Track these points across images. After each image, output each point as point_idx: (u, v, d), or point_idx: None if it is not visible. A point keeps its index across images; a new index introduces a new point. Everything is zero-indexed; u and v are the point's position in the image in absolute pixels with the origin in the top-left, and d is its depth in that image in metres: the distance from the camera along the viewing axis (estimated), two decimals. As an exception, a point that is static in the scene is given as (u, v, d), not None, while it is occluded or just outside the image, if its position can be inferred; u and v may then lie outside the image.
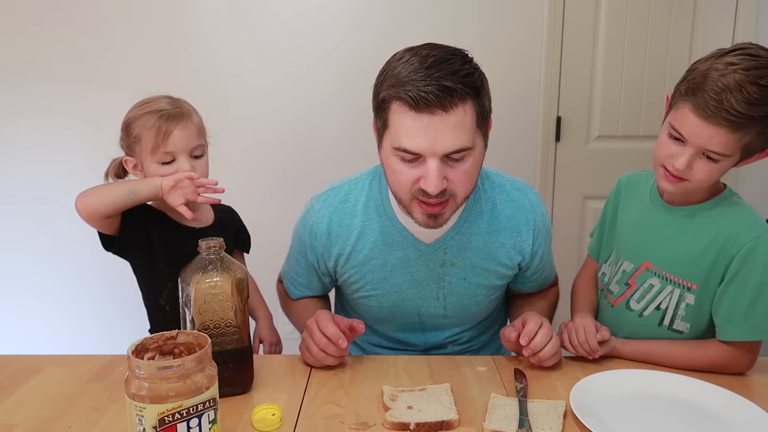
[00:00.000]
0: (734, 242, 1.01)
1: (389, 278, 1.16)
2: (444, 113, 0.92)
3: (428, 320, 1.22)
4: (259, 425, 0.87)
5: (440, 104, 0.91)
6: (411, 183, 0.98)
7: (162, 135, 1.09)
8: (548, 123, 2.27)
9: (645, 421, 0.90)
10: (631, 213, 1.18)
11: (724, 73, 0.92)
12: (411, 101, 0.91)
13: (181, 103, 1.17)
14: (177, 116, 1.11)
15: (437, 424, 0.86)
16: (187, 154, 1.13)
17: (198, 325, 0.91)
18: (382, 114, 0.98)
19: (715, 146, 0.95)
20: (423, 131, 0.92)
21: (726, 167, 0.99)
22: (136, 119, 1.12)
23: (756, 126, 0.94)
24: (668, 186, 1.03)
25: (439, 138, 0.92)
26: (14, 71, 2.20)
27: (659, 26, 2.20)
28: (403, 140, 0.94)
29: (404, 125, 0.94)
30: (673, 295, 1.08)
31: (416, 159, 0.95)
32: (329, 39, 2.19)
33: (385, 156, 1.01)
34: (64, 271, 2.33)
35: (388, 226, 1.13)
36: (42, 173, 2.27)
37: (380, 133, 1.02)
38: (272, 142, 2.27)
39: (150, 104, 1.13)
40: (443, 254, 1.13)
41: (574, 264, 2.40)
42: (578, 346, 1.08)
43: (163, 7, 2.16)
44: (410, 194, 0.99)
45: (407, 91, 0.91)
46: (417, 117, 0.92)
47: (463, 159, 0.97)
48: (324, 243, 1.18)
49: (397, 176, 0.99)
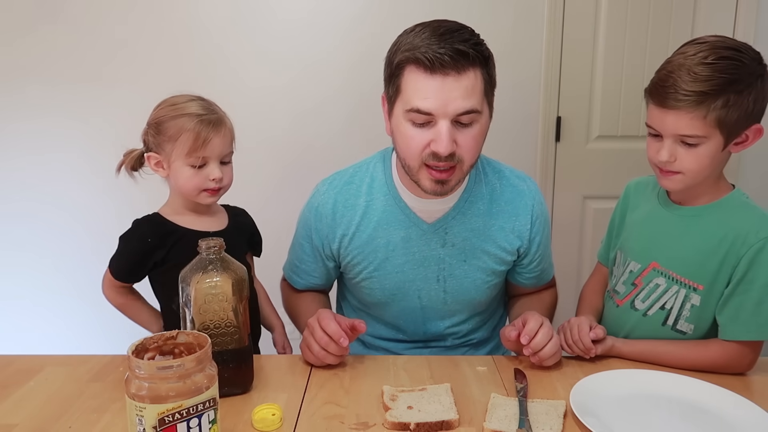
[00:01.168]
0: (742, 242, 1.01)
1: (391, 258, 1.18)
2: (457, 75, 0.96)
3: (429, 304, 1.22)
4: (259, 425, 0.87)
5: (454, 66, 0.95)
6: (422, 147, 1.01)
7: (201, 140, 1.10)
8: (548, 123, 2.27)
9: (645, 421, 0.90)
10: (639, 214, 1.18)
11: (671, 60, 1.00)
12: (427, 62, 0.95)
13: (215, 107, 1.17)
14: (217, 123, 1.12)
15: (437, 424, 0.86)
16: (218, 160, 1.13)
17: (198, 325, 0.91)
18: (395, 80, 1.02)
19: (684, 129, 0.98)
20: (436, 92, 0.96)
21: (713, 151, 0.99)
22: (172, 119, 1.11)
23: (715, 100, 0.95)
24: (667, 183, 1.05)
25: (452, 99, 0.96)
26: (14, 72, 2.20)
27: (659, 26, 2.21)
28: (416, 101, 0.98)
29: (417, 87, 0.98)
30: (679, 295, 1.08)
31: (427, 123, 0.99)
32: (329, 40, 2.19)
33: (396, 123, 1.04)
34: (65, 271, 2.33)
35: (391, 205, 1.15)
36: (41, 174, 2.27)
37: (392, 101, 1.05)
38: (272, 142, 2.27)
39: (186, 105, 1.13)
40: (444, 234, 1.15)
41: (575, 264, 2.40)
42: (572, 344, 1.08)
43: (164, 9, 2.16)
44: (420, 160, 1.02)
45: (423, 53, 0.96)
46: (431, 78, 0.96)
47: (471, 124, 1.01)
48: (329, 224, 1.20)
49: (408, 141, 1.02)
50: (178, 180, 1.13)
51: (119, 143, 1.21)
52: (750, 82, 0.96)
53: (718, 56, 0.96)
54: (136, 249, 1.14)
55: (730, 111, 0.96)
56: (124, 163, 1.18)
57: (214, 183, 1.12)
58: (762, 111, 1.00)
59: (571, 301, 2.45)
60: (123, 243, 1.15)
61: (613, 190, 2.28)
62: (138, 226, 1.15)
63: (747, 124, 0.99)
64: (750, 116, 0.98)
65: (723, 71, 0.95)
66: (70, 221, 2.29)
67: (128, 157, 1.18)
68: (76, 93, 2.20)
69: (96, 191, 2.24)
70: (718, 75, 0.95)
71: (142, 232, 1.14)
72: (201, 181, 1.12)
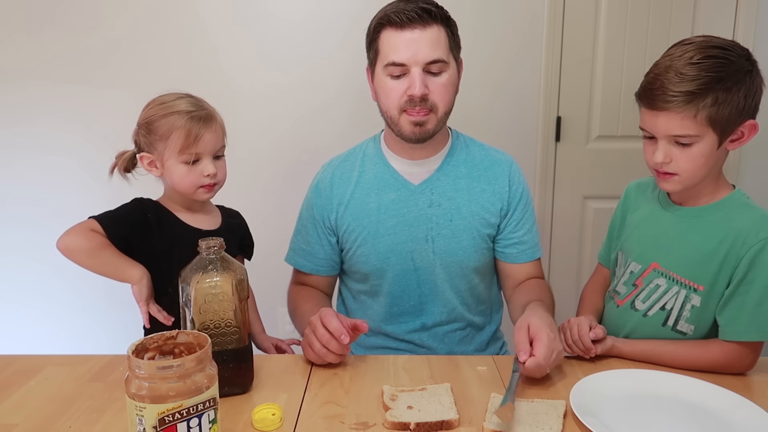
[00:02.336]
0: (743, 243, 1.01)
1: (383, 221, 1.27)
2: (423, 29, 1.14)
3: (422, 266, 1.28)
4: (259, 425, 0.87)
5: (420, 21, 1.13)
6: (399, 95, 1.17)
7: (193, 137, 1.11)
8: (548, 123, 2.27)
9: (645, 421, 0.90)
10: (639, 215, 1.18)
11: (658, 63, 1.02)
12: (397, 20, 1.14)
13: (204, 103, 1.17)
14: (207, 119, 1.13)
15: (437, 424, 0.86)
16: (211, 155, 1.14)
17: (198, 325, 0.91)
18: (373, 45, 1.20)
19: (675, 130, 0.99)
20: (407, 45, 1.14)
21: (707, 149, 1.00)
22: (162, 118, 1.12)
23: (704, 99, 0.96)
24: (665, 186, 1.06)
25: (420, 49, 1.14)
26: (14, 72, 2.20)
27: (659, 26, 2.20)
28: (391, 55, 1.15)
29: (391, 44, 1.16)
30: (679, 295, 1.08)
31: (403, 75, 1.16)
32: (328, 42, 2.19)
33: (378, 81, 1.21)
34: (65, 271, 2.32)
35: (382, 171, 1.29)
36: (41, 174, 2.27)
37: (372, 64, 1.22)
38: (272, 143, 2.27)
39: (175, 103, 1.13)
40: (430, 194, 1.26)
41: (574, 264, 2.40)
42: (572, 345, 1.08)
43: (162, 10, 2.16)
44: (399, 107, 1.18)
45: (394, 13, 1.14)
46: (401, 33, 1.14)
47: (440, 73, 1.17)
48: (327, 195, 1.32)
49: (388, 93, 1.18)
50: (173, 178, 1.14)
51: (118, 145, 1.21)
52: (738, 78, 0.97)
53: (704, 55, 0.97)
54: (134, 213, 1.15)
55: (720, 108, 0.96)
56: (116, 165, 1.19)
57: (208, 179, 1.14)
58: (755, 106, 1.00)
59: (571, 301, 2.45)
60: (122, 206, 1.16)
61: (613, 190, 2.30)
62: (140, 200, 1.18)
63: (740, 121, 0.99)
64: (742, 112, 0.98)
65: (709, 70, 0.96)
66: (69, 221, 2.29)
67: (120, 159, 1.18)
68: (74, 95, 2.20)
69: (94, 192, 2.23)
70: (705, 74, 0.96)
71: (145, 205, 1.17)
72: (196, 178, 1.13)
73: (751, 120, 1.00)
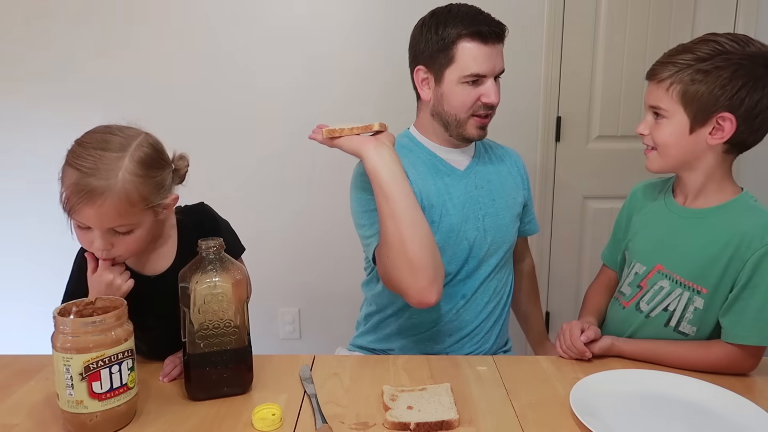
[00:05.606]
0: (747, 246, 1.00)
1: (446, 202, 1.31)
2: (500, 44, 1.26)
3: (475, 244, 1.33)
4: (259, 425, 0.87)
5: (499, 38, 1.25)
6: (473, 101, 1.25)
7: (69, 207, 0.92)
8: (548, 123, 2.27)
9: (645, 421, 0.90)
10: (645, 216, 1.18)
11: None
12: (483, 35, 1.22)
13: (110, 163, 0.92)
14: (90, 195, 0.90)
15: (437, 424, 0.86)
16: (102, 229, 0.94)
17: (197, 325, 0.91)
18: (447, 52, 1.24)
19: (651, 100, 1.05)
20: (488, 58, 1.23)
21: (677, 129, 1.02)
22: (65, 162, 0.95)
23: (682, 74, 0.99)
24: (646, 163, 1.10)
25: (497, 63, 1.26)
26: (13, 72, 2.20)
27: (659, 26, 2.20)
28: (474, 67, 1.23)
29: (474, 56, 1.22)
30: (682, 297, 1.07)
31: (477, 82, 1.24)
32: (328, 44, 2.19)
33: (449, 87, 1.26)
34: (65, 271, 2.32)
35: (431, 159, 1.35)
36: (40, 174, 2.26)
37: (441, 69, 1.25)
38: (275, 144, 2.27)
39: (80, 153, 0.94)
40: (474, 177, 1.36)
41: (575, 264, 2.40)
42: (567, 350, 1.09)
43: (162, 11, 2.16)
44: (470, 112, 1.26)
45: (479, 28, 1.21)
46: (485, 48, 1.22)
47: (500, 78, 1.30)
48: None
49: (463, 98, 1.25)
50: None
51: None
52: (723, 66, 0.97)
53: (702, 41, 1.00)
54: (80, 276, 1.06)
55: (694, 87, 0.99)
56: None
57: (99, 252, 0.96)
58: (737, 102, 0.98)
59: (571, 301, 2.45)
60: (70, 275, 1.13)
61: (613, 190, 2.31)
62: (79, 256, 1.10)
63: (714, 109, 0.99)
64: (717, 100, 0.98)
65: (698, 50, 0.99)
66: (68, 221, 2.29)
67: None
68: (74, 95, 2.20)
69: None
70: (692, 52, 0.99)
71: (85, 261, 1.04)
72: (89, 247, 0.98)
73: (728, 113, 0.98)
